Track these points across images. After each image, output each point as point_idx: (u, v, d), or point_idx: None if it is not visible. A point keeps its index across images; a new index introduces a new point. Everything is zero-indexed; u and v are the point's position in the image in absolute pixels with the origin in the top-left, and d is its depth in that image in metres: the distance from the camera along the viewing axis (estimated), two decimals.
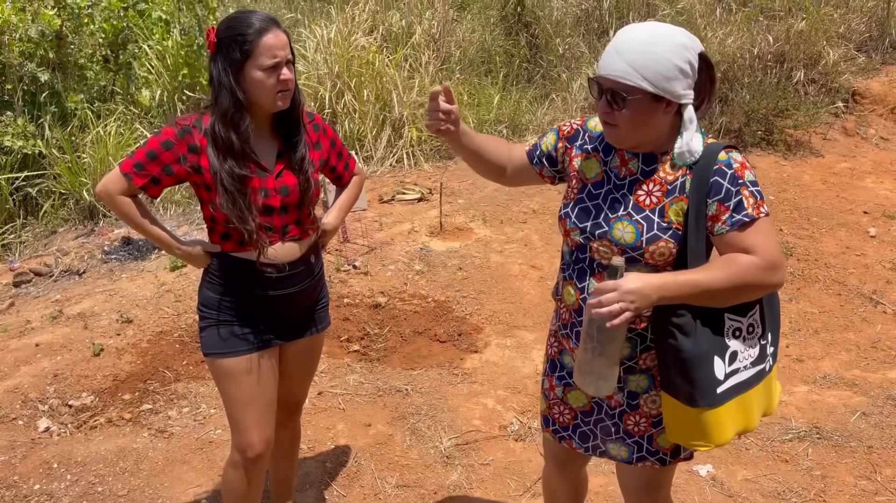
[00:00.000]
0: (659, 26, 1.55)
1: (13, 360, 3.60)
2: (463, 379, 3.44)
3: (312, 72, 6.32)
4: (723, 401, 1.59)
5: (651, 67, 1.50)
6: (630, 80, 1.51)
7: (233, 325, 2.05)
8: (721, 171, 1.55)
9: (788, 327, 3.91)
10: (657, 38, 1.52)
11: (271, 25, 1.87)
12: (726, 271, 1.53)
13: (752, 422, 1.69)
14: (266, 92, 1.89)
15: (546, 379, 1.94)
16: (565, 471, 2.06)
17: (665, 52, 1.50)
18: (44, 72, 5.57)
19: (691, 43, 1.54)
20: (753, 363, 1.66)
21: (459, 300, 4.11)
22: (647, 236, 1.60)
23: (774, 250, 1.55)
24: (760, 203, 1.56)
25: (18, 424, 3.14)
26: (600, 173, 1.70)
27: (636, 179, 1.65)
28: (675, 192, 1.60)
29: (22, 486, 2.75)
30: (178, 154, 1.93)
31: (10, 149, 5.21)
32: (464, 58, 7.19)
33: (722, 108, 6.51)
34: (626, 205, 1.63)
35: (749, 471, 2.86)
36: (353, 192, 2.33)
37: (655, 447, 1.79)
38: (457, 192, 5.63)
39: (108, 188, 1.97)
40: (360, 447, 2.97)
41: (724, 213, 1.55)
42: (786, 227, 5.04)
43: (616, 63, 1.53)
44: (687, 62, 1.51)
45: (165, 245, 2.05)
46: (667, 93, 1.51)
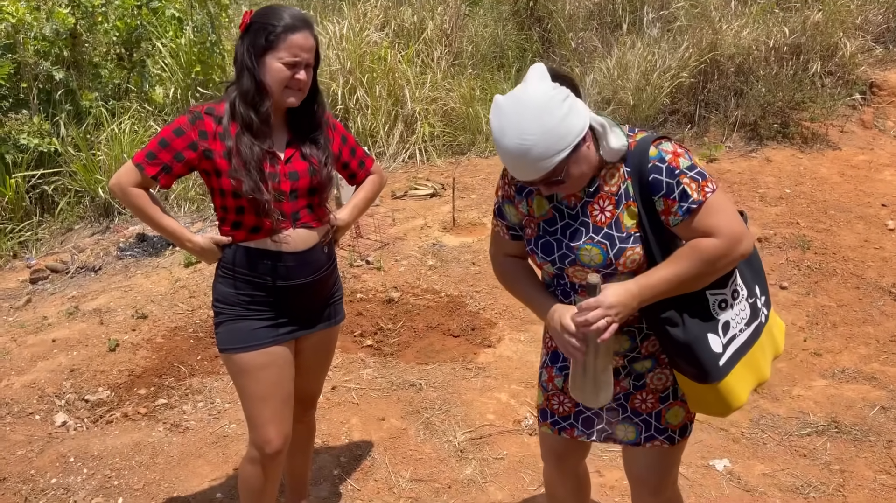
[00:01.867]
0: (519, 109, 1.49)
1: (30, 356, 3.63)
2: (476, 373, 3.43)
3: (325, 68, 6.32)
4: (728, 370, 1.65)
5: (553, 143, 1.48)
6: (551, 167, 1.51)
7: (248, 320, 2.04)
8: (655, 167, 1.58)
9: (806, 321, 3.87)
10: (533, 122, 1.47)
11: (303, 26, 1.91)
12: (692, 259, 1.57)
13: (764, 374, 1.76)
14: (277, 84, 1.91)
15: (545, 370, 1.91)
16: (564, 467, 2.02)
17: (549, 123, 1.47)
18: (59, 70, 5.61)
19: (546, 84, 1.50)
20: (748, 322, 1.72)
21: (473, 295, 4.09)
22: (613, 252, 1.63)
23: (732, 225, 1.58)
24: (703, 184, 1.57)
25: (35, 419, 3.17)
26: (549, 210, 1.71)
27: (586, 202, 1.67)
28: (623, 200, 1.63)
29: (39, 480, 2.77)
30: (190, 140, 1.95)
31: (26, 147, 5.26)
32: (476, 53, 7.17)
33: (737, 101, 6.45)
34: (587, 229, 1.66)
35: (766, 466, 2.83)
36: (369, 190, 2.31)
37: (664, 424, 1.79)
38: (469, 188, 5.62)
39: (121, 181, 1.98)
40: (375, 441, 2.97)
41: (673, 206, 1.58)
42: (802, 221, 4.98)
43: (531, 168, 1.52)
44: (562, 102, 1.49)
45: (177, 238, 2.05)
46: (578, 136, 1.51)
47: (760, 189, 5.47)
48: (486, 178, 5.82)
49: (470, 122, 6.42)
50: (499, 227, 1.83)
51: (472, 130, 6.43)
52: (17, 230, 5.07)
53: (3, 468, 2.83)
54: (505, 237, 1.83)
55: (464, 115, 6.43)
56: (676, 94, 6.58)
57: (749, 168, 5.82)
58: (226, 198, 1.98)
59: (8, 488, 2.72)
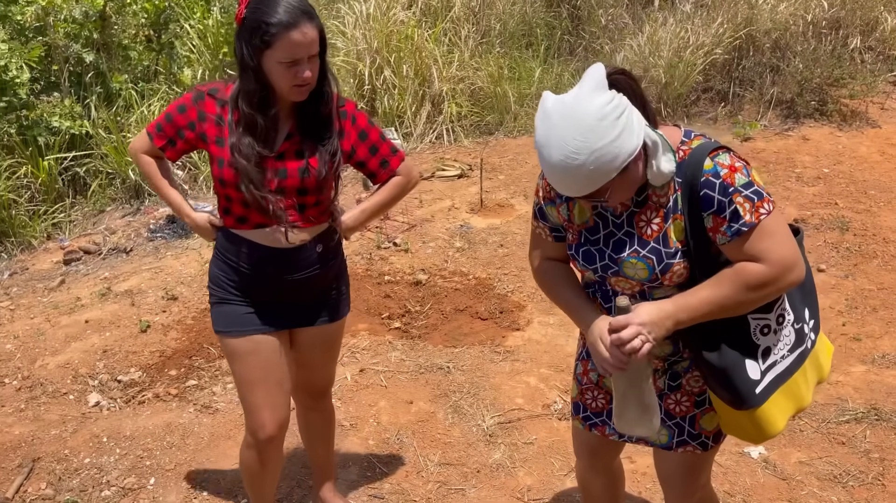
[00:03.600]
0: (570, 124, 1.37)
1: (64, 336, 3.68)
2: (505, 357, 3.40)
3: (351, 48, 6.27)
4: (765, 398, 1.56)
5: (603, 164, 1.37)
6: (597, 186, 1.41)
7: (234, 305, 2.03)
8: (709, 182, 1.46)
9: (845, 305, 3.77)
10: (584, 140, 1.35)
11: (300, 20, 1.74)
12: (735, 284, 1.46)
13: (805, 401, 1.65)
14: (282, 84, 1.81)
15: (580, 363, 1.85)
16: (597, 463, 1.97)
17: (601, 143, 1.35)
18: (89, 52, 5.64)
19: (605, 96, 1.37)
20: (791, 349, 1.61)
21: (501, 277, 4.05)
22: (659, 268, 1.53)
23: (783, 251, 1.46)
24: (759, 204, 1.45)
25: (69, 399, 3.21)
26: (591, 218, 1.61)
27: (632, 212, 1.56)
28: (671, 213, 1.53)
29: (73, 460, 2.81)
30: (189, 119, 1.93)
31: (58, 129, 5.31)
32: (504, 31, 7.05)
33: (773, 78, 6.27)
34: (632, 242, 1.55)
35: (803, 454, 2.76)
36: (386, 194, 2.11)
37: (698, 430, 1.71)
38: (497, 168, 5.56)
39: (135, 146, 2.03)
40: (403, 424, 2.96)
41: (722, 225, 1.47)
42: (841, 201, 4.84)
43: (575, 187, 1.41)
44: (616, 121, 1.37)
45: (177, 209, 2.06)
46: (625, 162, 1.40)
47: (797, 168, 5.32)
48: (515, 158, 5.75)
49: (498, 102, 6.33)
50: (540, 228, 1.74)
51: (500, 110, 6.35)
52: (50, 212, 5.13)
53: (38, 448, 2.87)
54: (548, 239, 1.73)
55: (492, 94, 6.35)
56: (710, 72, 6.42)
57: (785, 147, 5.66)
58: (215, 183, 1.95)
59: (42, 467, 2.77)
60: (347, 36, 6.36)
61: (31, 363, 3.46)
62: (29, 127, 5.25)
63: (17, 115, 5.24)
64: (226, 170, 1.88)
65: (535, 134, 1.44)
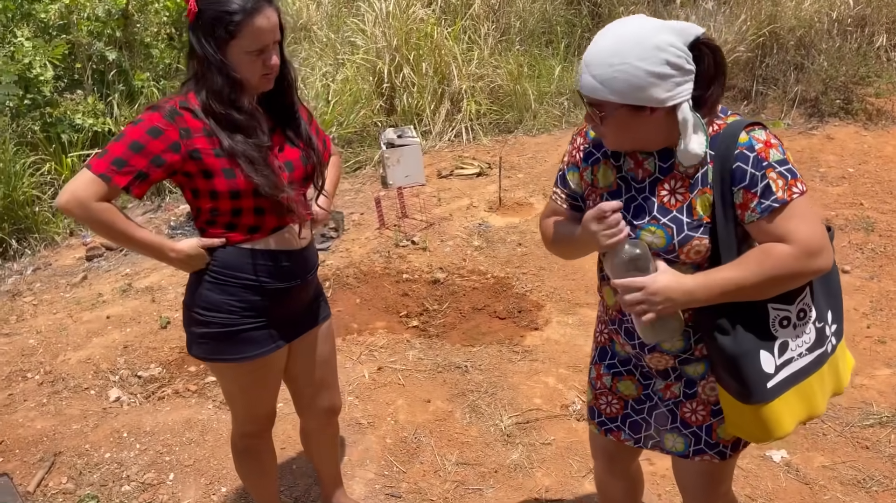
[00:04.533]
0: (628, 30, 1.38)
1: (86, 332, 3.71)
2: (523, 356, 3.38)
3: (371, 46, 6.28)
4: (776, 395, 1.50)
5: (619, 80, 1.36)
6: (598, 96, 1.40)
7: (242, 330, 1.88)
8: (743, 155, 1.41)
9: (869, 307, 3.70)
10: (623, 47, 1.36)
11: (261, 4, 1.67)
12: (759, 266, 1.41)
13: (817, 408, 1.58)
14: (250, 74, 1.74)
15: (594, 367, 1.82)
16: (615, 467, 1.94)
17: (633, 61, 1.35)
18: (111, 50, 5.69)
19: (672, 38, 1.36)
20: (810, 348, 1.54)
21: (519, 276, 4.03)
22: (678, 238, 1.48)
23: (812, 234, 1.40)
24: (792, 183, 1.40)
25: (91, 394, 3.24)
26: (615, 181, 1.58)
27: (656, 179, 1.51)
28: (698, 185, 1.47)
29: (93, 454, 2.84)
30: (171, 140, 1.69)
31: (81, 126, 5.37)
32: (524, 29, 7.03)
33: (797, 76, 6.18)
34: (651, 208, 1.51)
35: (826, 458, 2.72)
36: (337, 174, 2.14)
37: (715, 439, 1.66)
38: (516, 167, 5.54)
39: (79, 196, 1.65)
40: (420, 423, 2.96)
41: (752, 201, 1.42)
42: (866, 201, 4.76)
43: (584, 78, 1.41)
44: (665, 63, 1.35)
45: (156, 252, 1.80)
46: (642, 101, 1.38)
47: (821, 168, 5.24)
48: (534, 156, 5.72)
49: (517, 100, 6.31)
50: (557, 194, 1.71)
51: (520, 108, 6.32)
52: None
53: (60, 442, 2.90)
54: (563, 206, 1.70)
55: (511, 92, 6.32)
56: (732, 70, 6.34)
57: (809, 146, 5.58)
58: (219, 200, 1.76)
59: (64, 462, 2.80)
60: (367, 34, 6.36)
61: (53, 358, 3.49)
62: (52, 124, 5.32)
63: (40, 112, 5.31)
64: (239, 179, 1.74)
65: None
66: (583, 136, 1.66)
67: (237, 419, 2.11)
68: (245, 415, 2.09)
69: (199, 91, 1.73)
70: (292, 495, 2.61)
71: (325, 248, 4.38)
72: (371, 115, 6.03)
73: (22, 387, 3.29)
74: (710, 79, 1.44)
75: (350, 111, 5.91)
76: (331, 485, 2.44)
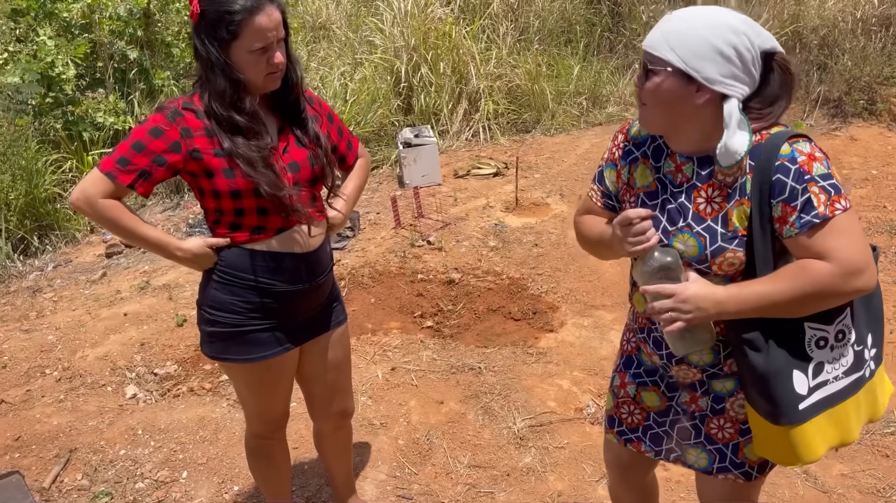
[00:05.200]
0: (712, 9, 1.39)
1: (104, 329, 3.75)
2: (538, 358, 3.36)
3: (389, 45, 6.28)
4: (808, 418, 1.44)
5: (683, 40, 1.36)
6: (657, 51, 1.39)
7: (249, 331, 1.88)
8: (784, 167, 1.36)
9: (893, 312, 3.63)
10: (701, 16, 1.38)
11: (263, 2, 1.67)
12: (796, 282, 1.36)
13: (850, 435, 1.52)
14: (255, 74, 1.73)
15: (617, 375, 1.79)
16: (629, 478, 1.90)
17: (703, 28, 1.35)
18: (133, 49, 5.74)
19: (748, 29, 1.36)
20: (847, 372, 1.48)
21: (535, 277, 4.01)
22: (711, 249, 1.44)
23: (854, 252, 1.34)
24: (836, 199, 1.34)
25: (107, 391, 3.27)
26: (653, 182, 1.54)
27: (693, 185, 1.47)
28: (735, 195, 1.42)
29: (108, 451, 2.86)
30: (171, 140, 1.71)
31: (102, 125, 5.42)
32: (543, 28, 6.99)
33: (821, 76, 6.10)
34: (685, 215, 1.47)
35: (846, 466, 2.67)
36: (360, 178, 2.09)
37: (741, 458, 1.61)
38: (534, 167, 5.51)
39: (87, 193, 1.72)
40: (433, 425, 2.95)
41: (792, 215, 1.36)
42: (890, 204, 4.68)
43: (653, 34, 1.41)
44: (731, 46, 1.34)
45: (162, 249, 1.82)
46: (696, 71, 1.35)
47: (844, 170, 5.16)
48: (551, 156, 5.69)
49: (535, 100, 6.28)
50: (593, 192, 1.68)
51: (538, 108, 6.29)
52: None
53: (76, 438, 2.93)
54: (597, 204, 1.67)
55: (529, 91, 6.29)
56: None
57: (832, 147, 5.50)
58: (221, 199, 1.77)
59: (79, 458, 2.82)
60: (385, 33, 6.36)
61: (71, 354, 3.53)
62: (74, 122, 5.37)
63: (62, 110, 5.36)
64: (238, 179, 1.74)
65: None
66: (624, 134, 1.63)
67: (249, 419, 2.12)
68: (256, 416, 2.10)
69: (203, 93, 1.74)
70: (304, 495, 2.61)
71: (341, 248, 4.38)
72: (388, 115, 6.03)
73: (40, 383, 3.32)
74: (774, 97, 1.41)
75: (367, 111, 5.91)
76: (343, 488, 2.44)
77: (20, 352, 3.57)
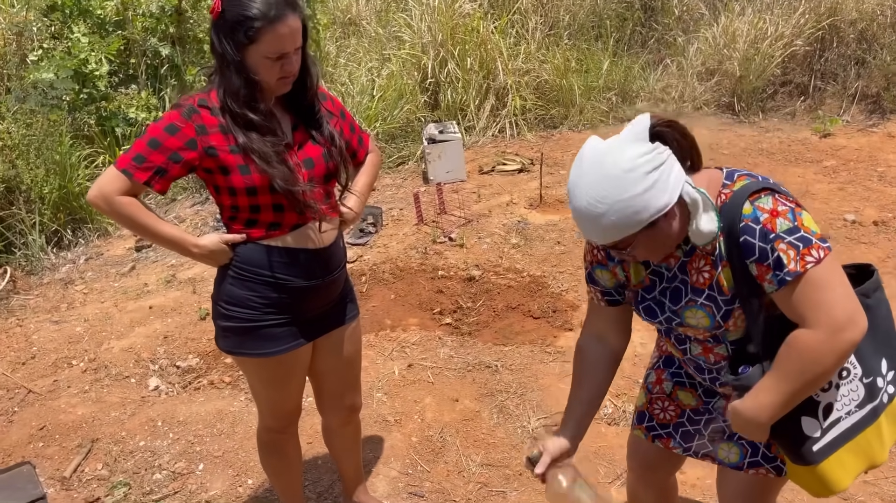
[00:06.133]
0: (591, 170, 1.33)
1: (129, 321, 3.83)
2: (555, 357, 3.34)
3: (417, 40, 6.27)
4: (825, 456, 1.45)
5: (619, 219, 1.32)
6: (618, 238, 1.36)
7: (264, 326, 1.90)
8: (748, 227, 1.36)
9: None
10: (599, 191, 1.32)
11: (284, 12, 1.66)
12: (792, 362, 1.35)
13: (877, 458, 1.51)
14: (268, 77, 1.74)
15: (654, 372, 1.78)
16: (650, 478, 1.89)
17: (617, 196, 1.31)
18: (165, 46, 5.83)
19: (633, 148, 1.32)
20: (860, 405, 1.47)
21: (556, 275, 3.98)
22: (720, 315, 1.46)
23: (833, 308, 1.31)
24: (805, 252, 1.33)
25: (131, 382, 3.34)
26: (646, 277, 1.55)
27: (683, 262, 1.50)
28: (718, 260, 1.44)
29: (128, 442, 2.92)
30: (187, 137, 1.73)
31: (134, 120, 5.51)
32: (573, 23, 6.92)
33: (858, 71, 5.93)
34: (686, 290, 1.49)
35: (868, 474, 2.60)
36: (371, 174, 2.11)
37: (774, 452, 1.60)
38: (560, 163, 5.46)
39: (104, 190, 1.74)
40: (447, 422, 2.95)
41: (767, 273, 1.36)
42: None
43: (596, 234, 1.37)
44: (645, 175, 1.31)
45: (179, 246, 1.84)
46: (653, 217, 1.33)
47: (880, 167, 5.01)
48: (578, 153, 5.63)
49: (563, 95, 6.22)
50: (593, 293, 1.68)
51: (566, 103, 6.23)
52: None
53: (98, 429, 3.00)
54: (601, 304, 1.67)
55: (557, 87, 6.24)
56: (789, 64, 6.12)
57: (868, 144, 5.35)
58: (237, 196, 1.79)
59: (101, 448, 2.89)
60: (414, 29, 6.36)
61: (97, 346, 3.61)
62: (107, 118, 5.48)
63: (96, 106, 5.48)
64: (254, 175, 1.76)
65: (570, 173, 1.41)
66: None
67: (262, 413, 2.15)
68: (269, 410, 2.12)
69: (219, 89, 1.75)
70: (316, 490, 2.64)
71: (363, 244, 4.40)
72: (415, 111, 6.03)
73: (67, 373, 3.41)
74: (686, 149, 1.40)
75: (394, 106, 5.92)
76: (352, 482, 2.45)
77: (49, 342, 3.66)
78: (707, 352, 1.57)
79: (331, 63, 6.31)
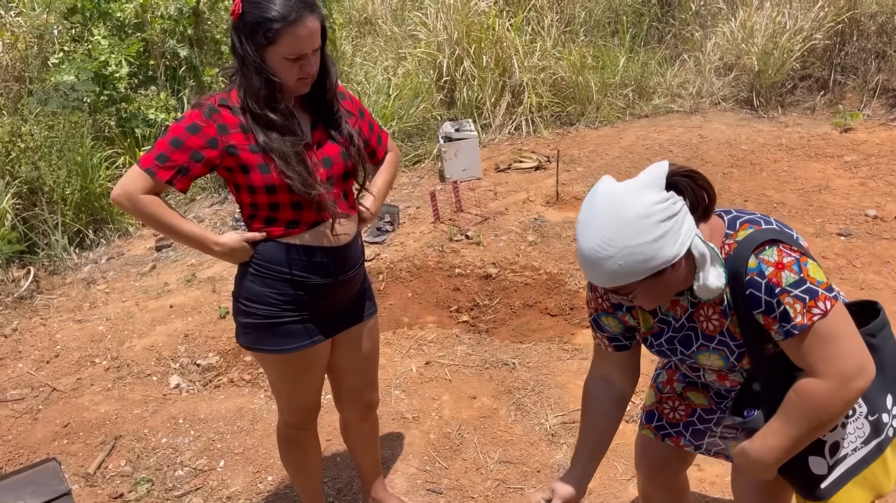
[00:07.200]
0: (604, 213, 1.32)
1: (150, 320, 3.88)
2: (573, 355, 3.34)
3: (432, 39, 6.28)
4: (833, 492, 1.48)
5: (627, 265, 1.31)
6: (622, 283, 1.35)
7: (283, 322, 1.93)
8: (754, 281, 1.36)
9: None
10: (610, 234, 1.30)
11: (303, 13, 1.68)
12: (801, 409, 1.37)
13: (884, 488, 1.53)
14: (287, 78, 1.76)
15: (664, 371, 1.78)
16: (659, 479, 1.89)
17: (628, 242, 1.30)
18: (183, 47, 5.89)
19: (648, 195, 1.31)
20: (866, 441, 1.49)
21: (573, 273, 3.97)
22: (733, 358, 1.49)
23: (842, 359, 1.32)
24: (812, 304, 1.33)
25: (152, 380, 3.38)
26: (654, 324, 1.56)
27: (691, 312, 1.51)
28: (727, 310, 1.46)
29: (151, 439, 2.96)
30: (208, 136, 1.75)
31: (153, 121, 5.58)
32: (589, 19, 6.89)
33: (879, 65, 5.86)
34: (697, 337, 1.51)
35: None
36: (390, 173, 2.13)
37: None
38: (576, 160, 5.45)
39: (128, 189, 1.77)
40: (465, 419, 2.96)
41: (774, 324, 1.37)
42: None
43: (600, 277, 1.36)
44: (658, 224, 1.30)
45: (200, 244, 1.87)
46: (660, 267, 1.33)
47: None
48: (595, 150, 5.62)
49: (580, 92, 6.20)
50: (599, 339, 1.68)
51: (582, 100, 6.21)
52: None
53: (121, 426, 3.05)
54: (608, 350, 1.67)
55: (573, 84, 6.22)
56: (808, 58, 6.06)
57: (890, 138, 5.28)
58: (257, 194, 1.81)
59: (123, 445, 2.94)
60: (429, 27, 6.37)
61: (119, 345, 3.66)
62: (127, 119, 5.55)
63: (116, 107, 5.55)
64: (273, 174, 1.78)
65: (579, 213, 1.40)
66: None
67: (281, 409, 2.17)
68: (288, 406, 2.15)
69: (240, 88, 1.77)
70: (335, 487, 2.66)
71: (381, 242, 4.43)
72: (431, 109, 6.04)
73: (90, 372, 3.46)
74: (700, 200, 1.40)
75: (410, 105, 5.94)
76: (370, 479, 2.47)
77: (72, 341, 3.72)
78: (722, 380, 1.60)
79: (347, 62, 6.34)
